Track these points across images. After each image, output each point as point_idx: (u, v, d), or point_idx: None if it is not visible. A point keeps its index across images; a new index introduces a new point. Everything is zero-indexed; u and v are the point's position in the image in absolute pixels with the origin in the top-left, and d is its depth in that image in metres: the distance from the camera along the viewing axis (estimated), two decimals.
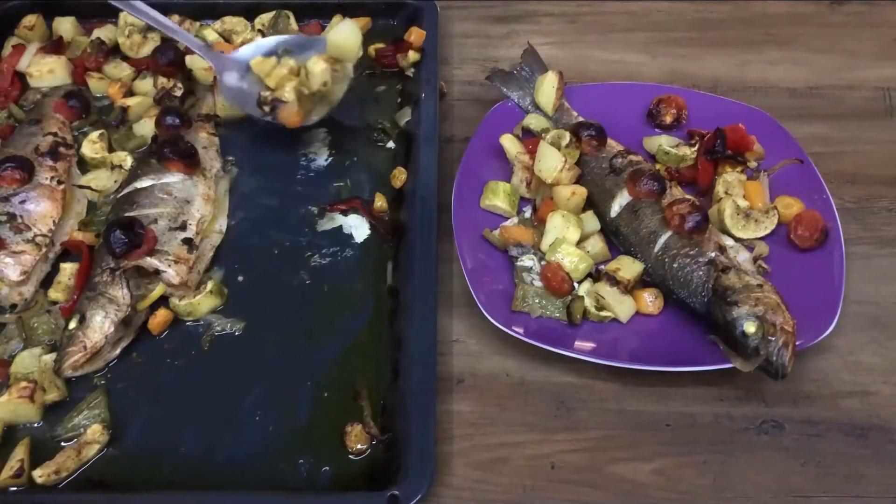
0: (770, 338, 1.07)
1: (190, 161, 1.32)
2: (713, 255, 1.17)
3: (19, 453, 1.07)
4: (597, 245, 1.25)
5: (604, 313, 1.18)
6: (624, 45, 1.64)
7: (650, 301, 1.20)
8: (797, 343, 1.09)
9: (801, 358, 1.14)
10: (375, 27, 1.64)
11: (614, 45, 1.64)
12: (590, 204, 1.30)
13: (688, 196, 1.27)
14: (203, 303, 1.22)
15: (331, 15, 1.62)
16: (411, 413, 1.07)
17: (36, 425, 1.12)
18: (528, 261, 1.23)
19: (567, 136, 1.34)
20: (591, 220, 1.27)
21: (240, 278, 1.27)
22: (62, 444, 1.09)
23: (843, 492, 1.06)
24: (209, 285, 1.22)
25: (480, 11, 1.72)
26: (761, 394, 1.14)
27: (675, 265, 1.17)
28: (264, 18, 1.62)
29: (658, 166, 1.36)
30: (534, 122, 1.40)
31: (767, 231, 1.26)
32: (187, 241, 1.24)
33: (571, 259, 1.20)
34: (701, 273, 1.15)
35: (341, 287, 1.26)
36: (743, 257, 1.20)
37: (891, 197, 1.37)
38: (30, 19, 1.60)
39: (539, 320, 1.19)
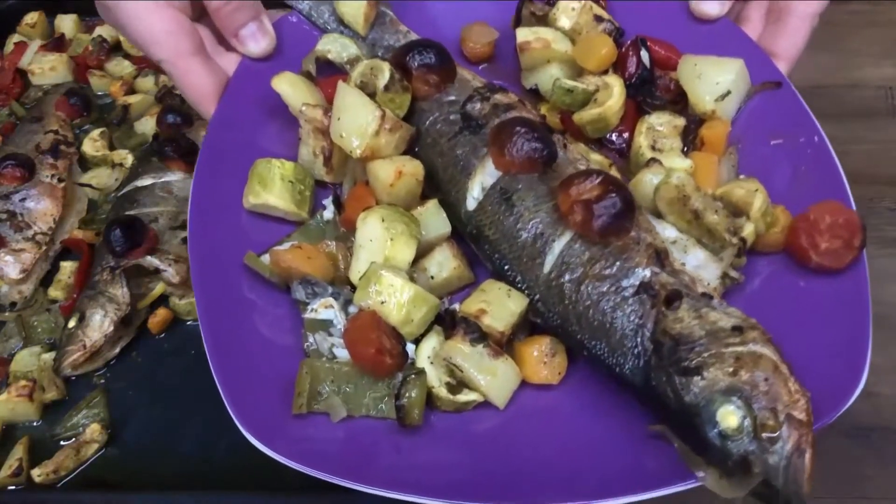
0: (769, 435, 0.59)
1: (191, 159, 1.31)
2: (647, 273, 0.66)
3: (18, 452, 1.07)
4: (446, 264, 0.76)
5: (464, 397, 0.70)
6: None
7: (543, 361, 0.70)
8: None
9: None
10: None
11: None
12: (431, 188, 0.79)
13: (594, 167, 0.73)
14: None
15: None
16: None
17: (35, 424, 1.12)
18: (323, 310, 0.74)
19: (386, 70, 0.79)
20: (435, 219, 0.77)
21: None
22: (61, 443, 1.09)
23: (844, 492, 1.06)
24: None
25: None
26: None
27: (581, 296, 0.67)
28: None
29: (544, 110, 0.84)
30: (334, 46, 0.87)
31: (731, 259, 0.72)
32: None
33: (398, 300, 0.68)
34: (629, 310, 0.65)
35: None
36: (695, 261, 0.67)
37: (893, 196, 1.36)
38: (32, 17, 1.60)
39: (348, 424, 0.70)
